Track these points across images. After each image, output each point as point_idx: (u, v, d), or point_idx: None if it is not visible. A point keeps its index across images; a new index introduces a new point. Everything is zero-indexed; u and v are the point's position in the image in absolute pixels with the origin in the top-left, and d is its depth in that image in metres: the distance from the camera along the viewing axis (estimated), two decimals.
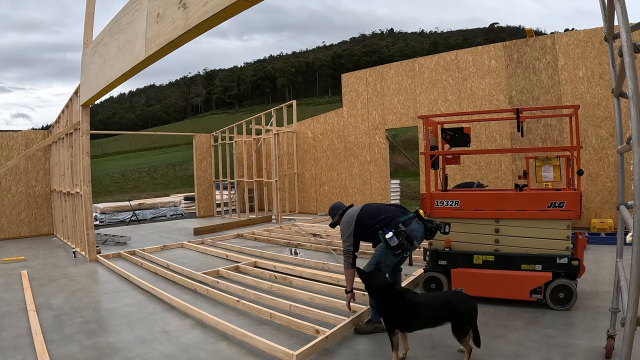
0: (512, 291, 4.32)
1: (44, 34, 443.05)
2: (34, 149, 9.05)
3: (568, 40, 8.93)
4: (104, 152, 57.15)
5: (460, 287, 4.48)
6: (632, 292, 1.82)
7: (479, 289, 4.41)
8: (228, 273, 5.97)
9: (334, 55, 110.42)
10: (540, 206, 4.26)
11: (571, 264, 4.12)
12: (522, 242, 4.35)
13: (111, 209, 14.14)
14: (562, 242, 4.19)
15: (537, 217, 4.28)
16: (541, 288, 4.19)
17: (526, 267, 4.28)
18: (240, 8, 3.15)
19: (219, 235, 9.62)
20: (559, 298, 4.14)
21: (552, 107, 5.33)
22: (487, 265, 4.44)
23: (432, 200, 4.71)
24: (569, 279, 4.13)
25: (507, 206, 4.41)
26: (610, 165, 8.59)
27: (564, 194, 4.25)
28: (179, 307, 4.56)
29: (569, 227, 4.20)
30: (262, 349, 3.40)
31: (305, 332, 3.72)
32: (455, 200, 4.63)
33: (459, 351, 3.27)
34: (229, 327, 3.79)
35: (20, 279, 6.15)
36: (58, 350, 3.56)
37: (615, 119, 2.93)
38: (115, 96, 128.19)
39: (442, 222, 4.07)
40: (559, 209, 4.18)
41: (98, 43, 6.01)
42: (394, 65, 11.74)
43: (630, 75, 1.86)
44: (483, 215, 4.52)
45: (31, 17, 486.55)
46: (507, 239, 4.42)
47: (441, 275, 4.65)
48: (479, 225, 4.55)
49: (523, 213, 4.34)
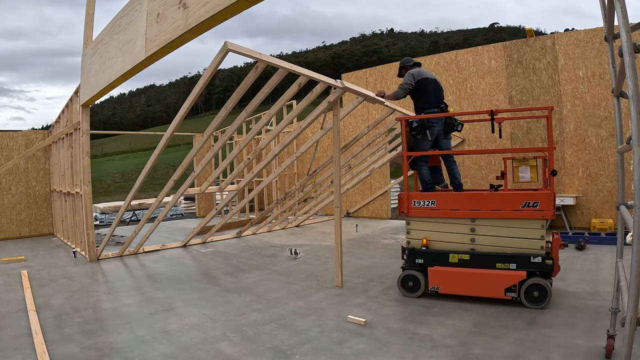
0: (488, 289, 4.39)
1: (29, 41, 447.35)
2: (34, 149, 9.04)
3: (568, 40, 8.93)
4: (104, 152, 57.20)
5: (437, 285, 4.59)
6: (632, 292, 1.81)
7: (455, 288, 4.54)
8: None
9: (334, 55, 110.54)
10: (514, 206, 4.34)
11: (545, 263, 4.20)
12: (498, 242, 4.44)
13: (111, 209, 14.14)
14: (537, 241, 4.27)
15: (512, 217, 4.36)
16: (516, 287, 4.25)
17: (501, 266, 4.36)
18: (240, 8, 3.16)
19: (219, 236, 9.64)
20: (534, 297, 4.19)
21: (527, 109, 5.38)
22: (462, 263, 4.53)
23: (409, 201, 4.82)
24: (544, 278, 4.21)
25: (483, 206, 4.50)
26: (610, 165, 8.60)
27: (537, 194, 4.32)
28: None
29: (543, 226, 4.28)
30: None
31: None
32: (431, 200, 4.73)
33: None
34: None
35: (20, 279, 6.15)
36: (58, 350, 3.56)
37: (615, 119, 2.93)
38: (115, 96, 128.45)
39: (458, 122, 5.19)
40: (533, 208, 4.26)
41: (98, 43, 6.01)
42: (394, 65, 11.73)
43: (630, 75, 1.86)
44: (459, 215, 4.60)
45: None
46: (482, 238, 4.51)
47: (418, 273, 4.73)
48: (455, 224, 4.64)
49: (498, 213, 4.42)
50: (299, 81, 5.22)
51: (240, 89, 4.99)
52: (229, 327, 3.99)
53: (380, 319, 4.06)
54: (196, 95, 5.06)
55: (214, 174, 6.93)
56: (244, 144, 6.29)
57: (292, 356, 3.32)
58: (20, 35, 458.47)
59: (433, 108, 5.15)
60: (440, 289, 4.58)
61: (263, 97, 5.07)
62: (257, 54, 4.35)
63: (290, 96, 5.50)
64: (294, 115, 6.30)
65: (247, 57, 4.34)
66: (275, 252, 7.72)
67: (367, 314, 4.18)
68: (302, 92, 5.70)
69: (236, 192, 8.47)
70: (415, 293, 4.71)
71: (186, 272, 6.40)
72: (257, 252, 7.76)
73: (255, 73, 4.76)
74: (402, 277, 4.81)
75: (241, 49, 4.24)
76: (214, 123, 5.66)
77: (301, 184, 8.90)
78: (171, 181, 6.70)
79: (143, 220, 7.16)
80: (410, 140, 5.12)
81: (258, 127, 6.07)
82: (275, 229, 10.76)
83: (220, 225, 8.94)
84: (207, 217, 7.90)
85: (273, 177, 8.20)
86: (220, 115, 5.59)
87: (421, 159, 5.18)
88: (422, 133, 4.98)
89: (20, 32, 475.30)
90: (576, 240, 7.19)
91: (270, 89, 4.98)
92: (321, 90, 5.45)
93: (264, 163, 7.14)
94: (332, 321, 4.06)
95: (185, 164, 6.30)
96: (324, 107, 5.75)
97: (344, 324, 3.96)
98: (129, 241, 7.68)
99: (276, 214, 10.45)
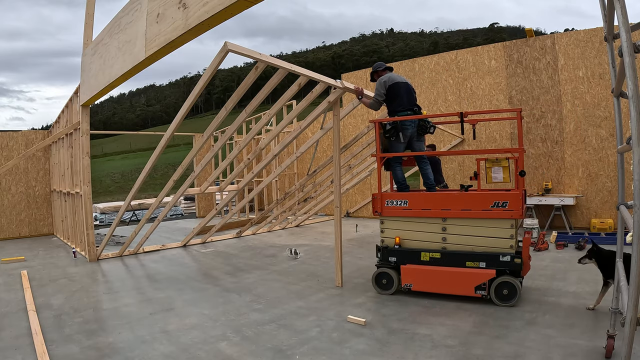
0: (458, 287, 4.47)
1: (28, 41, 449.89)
2: (34, 149, 9.04)
3: (568, 40, 8.93)
4: (104, 152, 57.20)
5: (410, 282, 4.68)
6: (632, 292, 1.81)
7: (427, 285, 4.63)
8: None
9: (334, 55, 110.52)
10: (484, 206, 4.42)
11: (514, 262, 4.27)
12: (468, 241, 4.52)
13: (111, 209, 14.15)
14: (506, 240, 4.35)
15: (482, 217, 4.45)
16: (485, 285, 4.34)
17: (471, 265, 4.45)
18: (240, 8, 3.16)
19: (219, 236, 9.64)
20: (503, 295, 4.27)
21: (495, 111, 5.41)
22: (434, 262, 4.63)
23: (383, 200, 4.90)
24: (513, 277, 4.26)
25: (453, 206, 4.58)
26: (610, 165, 8.60)
27: (506, 194, 4.38)
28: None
29: (512, 226, 4.34)
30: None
31: None
32: (404, 200, 4.83)
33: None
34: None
35: (20, 279, 6.15)
36: (58, 351, 3.56)
37: (615, 119, 2.93)
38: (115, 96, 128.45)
39: (431, 125, 5.19)
40: (502, 208, 4.34)
41: (98, 43, 6.01)
42: (394, 65, 11.74)
43: (630, 75, 1.86)
44: (430, 214, 4.69)
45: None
46: (453, 237, 4.60)
47: (392, 271, 4.83)
48: (427, 224, 4.73)
49: (468, 212, 4.50)
50: (299, 81, 5.23)
51: (240, 89, 4.99)
52: (229, 327, 3.99)
53: (380, 319, 4.06)
54: (196, 96, 5.06)
55: (214, 174, 6.93)
56: (244, 144, 6.29)
57: (292, 356, 3.31)
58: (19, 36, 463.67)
59: (406, 111, 5.22)
60: (413, 287, 4.69)
61: (263, 97, 5.08)
62: (257, 54, 4.36)
63: (290, 96, 5.51)
64: (294, 115, 6.30)
65: (247, 57, 4.35)
66: (275, 252, 7.72)
67: (367, 314, 4.18)
68: (302, 92, 5.70)
69: (236, 192, 8.46)
70: (389, 290, 4.83)
71: (186, 272, 6.40)
72: (257, 252, 7.76)
73: (255, 73, 4.76)
74: (376, 275, 4.93)
75: (241, 49, 4.24)
76: (214, 123, 5.66)
77: (301, 184, 8.89)
78: (171, 181, 6.70)
79: (143, 220, 7.16)
80: (385, 142, 5.24)
81: (258, 127, 6.08)
82: (275, 229, 10.77)
83: (220, 225, 8.94)
84: (207, 217, 7.90)
85: (273, 177, 8.20)
86: (220, 116, 5.59)
87: (395, 160, 5.27)
88: (395, 135, 5.08)
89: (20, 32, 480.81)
90: (576, 240, 7.19)
91: (270, 89, 4.98)
92: (321, 90, 5.46)
93: (264, 163, 7.14)
94: (332, 321, 4.06)
95: (185, 164, 6.30)
96: (324, 107, 5.75)
97: (344, 324, 3.96)
98: (129, 241, 7.68)
99: (276, 214, 10.45)
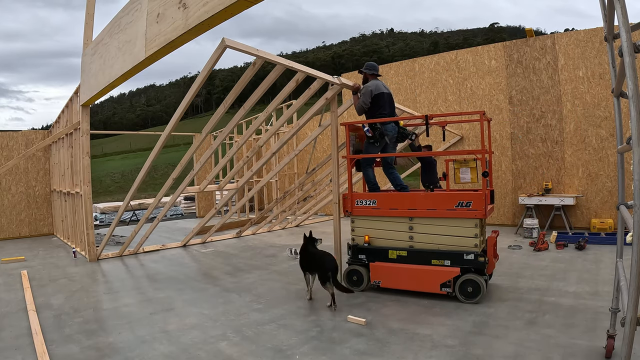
0: (424, 284, 4.60)
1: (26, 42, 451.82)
2: (34, 149, 9.05)
3: (568, 40, 8.93)
4: (104, 152, 57.21)
5: (378, 279, 4.85)
6: (632, 292, 1.81)
7: (394, 282, 4.76)
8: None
9: (334, 55, 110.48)
10: (449, 206, 4.54)
11: (478, 260, 4.37)
12: (434, 239, 4.65)
13: (111, 209, 14.15)
14: (470, 239, 4.46)
15: (446, 216, 4.55)
16: (450, 282, 4.45)
17: (436, 262, 4.58)
18: (240, 8, 3.16)
19: (219, 236, 9.64)
20: (468, 292, 4.39)
21: (458, 114, 5.44)
22: (401, 260, 4.77)
23: (353, 200, 5.07)
24: (478, 275, 4.37)
25: (419, 205, 4.71)
26: (610, 165, 8.59)
27: (470, 195, 4.49)
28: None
29: (476, 225, 4.43)
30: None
31: None
32: (372, 199, 4.99)
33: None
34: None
35: (20, 279, 6.15)
36: (58, 350, 3.56)
37: (615, 119, 2.93)
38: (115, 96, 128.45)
39: (412, 132, 5.40)
40: (466, 208, 4.45)
41: (98, 43, 6.01)
42: (394, 65, 11.75)
43: (630, 75, 1.86)
44: (398, 214, 4.83)
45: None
46: (420, 236, 4.73)
47: (362, 268, 4.99)
48: (395, 223, 4.86)
49: (433, 212, 4.61)
50: (297, 77, 5.28)
51: (238, 86, 5.03)
52: (229, 327, 3.99)
53: (380, 319, 4.06)
54: (195, 91, 5.06)
55: (213, 172, 6.94)
56: (243, 140, 6.31)
57: (292, 356, 3.31)
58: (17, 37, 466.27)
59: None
60: (381, 284, 4.82)
61: (261, 94, 5.14)
62: (254, 50, 4.40)
63: (288, 92, 5.54)
64: (292, 112, 6.32)
65: (244, 53, 4.37)
66: (275, 252, 7.72)
67: (367, 314, 4.18)
68: (300, 90, 5.71)
69: (236, 191, 8.46)
70: (359, 287, 4.96)
71: (186, 272, 6.40)
72: (257, 252, 7.76)
73: (253, 70, 4.78)
74: (347, 272, 5.07)
75: (239, 45, 4.26)
76: (212, 120, 5.68)
77: (300, 182, 8.89)
78: (170, 179, 6.69)
79: (142, 219, 7.17)
80: (359, 144, 5.38)
81: (257, 124, 6.12)
82: (275, 228, 10.77)
83: (220, 225, 8.95)
84: (207, 216, 7.90)
85: (272, 174, 8.20)
86: (219, 112, 5.58)
87: (366, 162, 5.40)
88: (379, 139, 5.24)
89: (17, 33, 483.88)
90: (576, 240, 7.19)
91: (268, 85, 5.00)
92: (319, 86, 5.52)
93: (263, 160, 7.14)
94: (332, 321, 4.05)
95: (185, 161, 6.31)
96: (322, 104, 5.78)
97: (343, 324, 3.96)
98: (129, 241, 7.68)
99: (276, 214, 10.45)
